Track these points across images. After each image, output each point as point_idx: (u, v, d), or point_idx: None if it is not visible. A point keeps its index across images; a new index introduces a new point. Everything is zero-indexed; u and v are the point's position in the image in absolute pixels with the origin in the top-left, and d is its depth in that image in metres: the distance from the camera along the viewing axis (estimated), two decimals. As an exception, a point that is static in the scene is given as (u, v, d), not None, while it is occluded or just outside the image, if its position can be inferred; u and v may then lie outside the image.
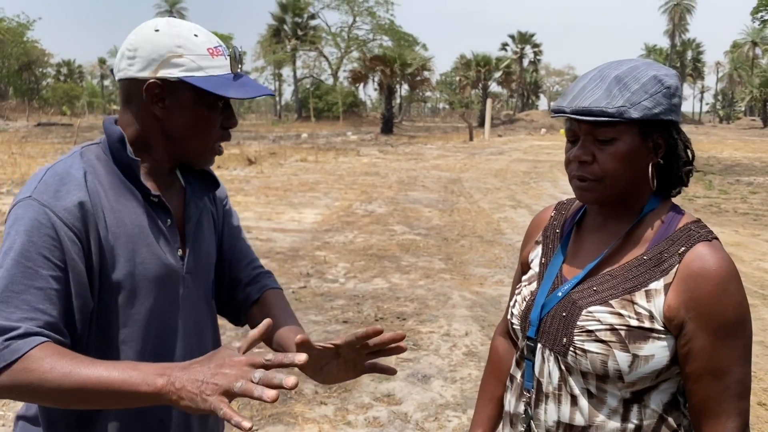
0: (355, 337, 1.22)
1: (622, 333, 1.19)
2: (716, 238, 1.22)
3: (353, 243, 8.45)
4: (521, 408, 1.34)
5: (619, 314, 1.20)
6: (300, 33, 65.73)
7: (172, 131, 1.28)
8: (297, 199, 12.29)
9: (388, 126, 43.70)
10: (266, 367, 1.03)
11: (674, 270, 1.19)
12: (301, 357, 1.04)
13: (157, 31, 1.23)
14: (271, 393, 0.98)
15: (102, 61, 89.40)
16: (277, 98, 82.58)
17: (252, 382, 1.00)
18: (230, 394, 1.01)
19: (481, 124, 43.30)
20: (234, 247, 1.55)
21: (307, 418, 3.69)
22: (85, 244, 1.18)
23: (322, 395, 3.99)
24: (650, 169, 1.23)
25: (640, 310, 1.19)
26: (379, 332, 1.21)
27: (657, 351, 1.18)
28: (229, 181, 14.83)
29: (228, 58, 1.27)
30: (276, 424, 3.60)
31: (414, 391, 4.07)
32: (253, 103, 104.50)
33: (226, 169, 17.47)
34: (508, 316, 1.43)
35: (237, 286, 1.54)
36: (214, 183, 1.46)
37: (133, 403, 1.08)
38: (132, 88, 1.25)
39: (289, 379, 0.99)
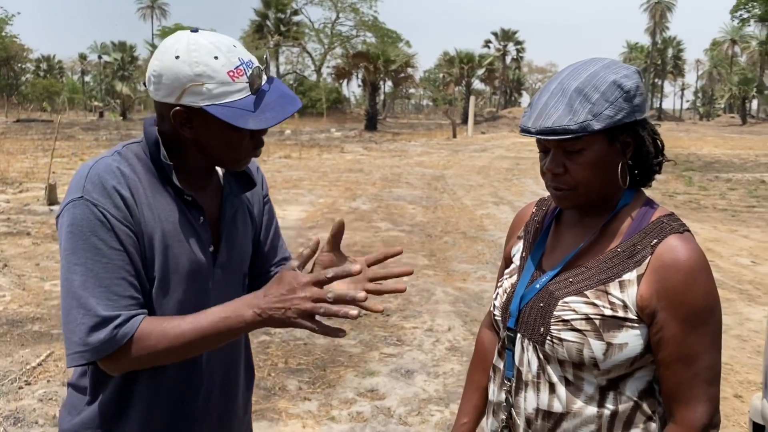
0: (374, 258, 1.37)
1: (597, 322, 1.23)
2: (688, 231, 1.27)
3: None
4: (503, 396, 1.38)
5: (594, 304, 1.24)
6: (283, 29, 65.40)
7: (204, 147, 1.32)
8: (281, 196, 12.27)
9: (372, 123, 43.69)
10: (330, 280, 1.16)
11: (646, 261, 1.23)
12: (356, 267, 1.17)
13: (177, 57, 1.24)
14: (354, 312, 1.14)
15: (83, 57, 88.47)
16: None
17: (328, 301, 1.14)
18: (313, 315, 1.16)
19: (465, 121, 43.41)
20: (271, 244, 1.62)
21: (290, 413, 3.71)
22: (135, 237, 1.26)
23: (305, 391, 4.01)
24: (622, 168, 1.27)
25: (614, 300, 1.23)
26: (399, 253, 1.37)
27: (630, 339, 1.22)
28: (211, 178, 14.74)
29: (248, 78, 1.26)
30: (259, 420, 3.61)
31: (397, 386, 4.10)
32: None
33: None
34: (491, 309, 1.47)
35: (264, 277, 1.62)
36: (251, 182, 1.49)
37: (233, 336, 1.23)
38: (162, 108, 1.30)
39: (360, 294, 1.15)
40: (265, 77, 1.30)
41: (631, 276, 1.24)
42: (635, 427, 1.27)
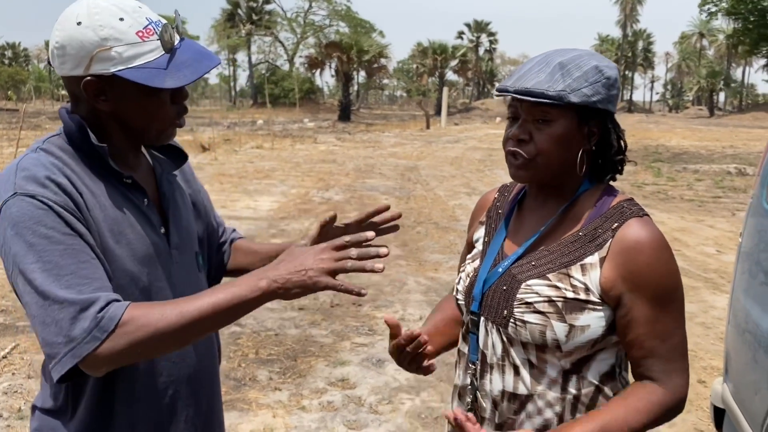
0: (365, 215, 1.40)
1: (559, 304, 1.25)
2: (647, 215, 1.29)
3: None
4: (468, 380, 1.40)
5: (556, 287, 1.26)
6: (255, 17, 64.79)
7: (124, 120, 1.25)
8: (252, 186, 12.18)
9: (345, 113, 43.57)
10: (347, 246, 1.14)
11: (608, 244, 1.25)
12: (371, 234, 1.18)
13: (79, 24, 1.16)
14: (380, 265, 1.12)
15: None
16: (232, 84, 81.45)
17: (353, 258, 1.12)
18: (336, 273, 1.13)
19: (438, 112, 43.51)
20: (212, 217, 1.59)
21: (261, 404, 3.70)
22: (85, 226, 1.16)
23: (276, 381, 4.00)
24: (580, 155, 1.29)
25: (575, 282, 1.25)
26: (387, 208, 1.41)
27: (592, 321, 1.25)
28: (182, 168, 14.57)
29: (159, 36, 1.20)
30: (229, 410, 3.60)
31: (368, 375, 4.11)
32: (207, 89, 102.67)
33: (180, 156, 17.16)
34: (454, 293, 1.48)
35: (217, 251, 1.61)
36: (182, 155, 1.45)
37: (246, 311, 1.14)
38: (72, 85, 1.22)
39: (382, 249, 1.14)
40: (177, 36, 1.24)
41: (593, 259, 1.26)
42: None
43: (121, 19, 1.17)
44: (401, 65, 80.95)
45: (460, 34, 70.54)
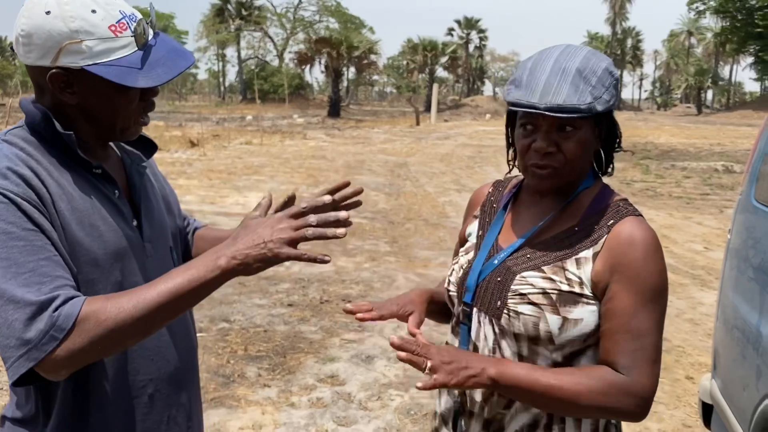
0: (328, 191, 1.33)
1: (554, 297, 1.25)
2: (641, 215, 1.31)
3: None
4: None
5: (551, 279, 1.26)
6: (244, 13, 64.49)
7: (90, 114, 1.20)
8: (241, 182, 12.12)
9: (335, 109, 43.49)
10: (305, 213, 1.10)
11: (603, 240, 1.27)
12: (327, 197, 1.14)
13: (48, 13, 1.10)
14: (341, 230, 1.08)
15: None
16: (221, 79, 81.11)
17: (312, 225, 1.08)
18: (297, 243, 1.08)
19: (428, 108, 43.51)
20: (180, 212, 1.55)
21: (250, 400, 3.68)
22: (50, 220, 1.11)
23: (265, 378, 3.98)
24: (595, 153, 1.33)
25: (570, 276, 1.26)
26: (347, 184, 1.34)
27: (586, 315, 1.25)
28: (170, 164, 14.51)
29: (132, 31, 1.16)
30: (218, 407, 3.58)
31: (358, 371, 4.10)
32: (196, 85, 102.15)
33: (167, 152, 17.08)
34: (445, 284, 1.47)
35: (183, 243, 1.58)
36: (151, 146, 1.41)
37: (207, 293, 1.10)
38: (36, 74, 1.17)
39: (341, 213, 1.10)
40: (151, 32, 1.19)
41: (587, 254, 1.26)
42: None
43: (93, 11, 1.12)
44: (391, 61, 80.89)
45: (450, 31, 70.51)
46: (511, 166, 1.45)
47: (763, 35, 51.05)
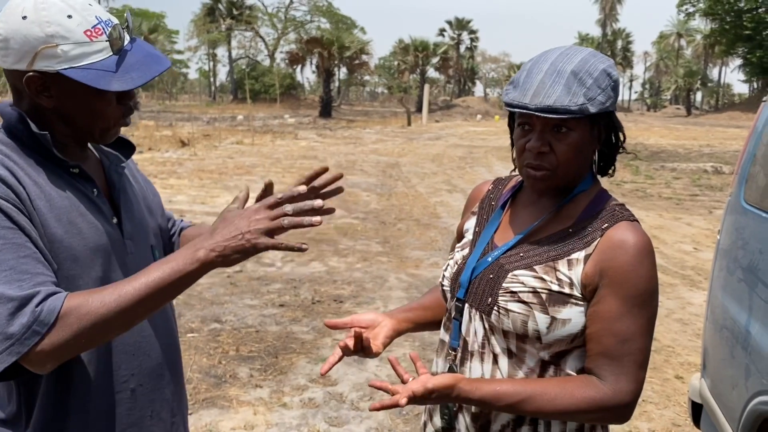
0: (305, 178, 1.32)
1: (543, 296, 1.26)
2: (637, 221, 1.32)
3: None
4: (447, 366, 1.40)
5: (542, 279, 1.28)
6: (235, 12, 64.31)
7: (67, 117, 1.21)
8: (232, 182, 12.10)
9: (326, 109, 43.45)
10: (281, 203, 1.12)
11: (595, 243, 1.27)
12: (302, 188, 1.16)
13: (24, 18, 1.12)
14: (317, 218, 1.11)
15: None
16: (212, 79, 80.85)
17: (288, 214, 1.11)
18: (274, 233, 1.11)
19: (419, 109, 43.55)
20: (163, 211, 1.56)
21: (242, 401, 3.68)
22: (29, 218, 1.12)
23: (257, 378, 3.98)
24: (596, 156, 1.34)
25: (561, 276, 1.27)
26: (326, 170, 1.33)
27: (574, 316, 1.26)
28: (161, 164, 14.46)
29: (108, 37, 1.17)
30: (210, 407, 3.57)
31: (349, 371, 4.10)
32: (186, 84, 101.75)
33: (158, 151, 17.02)
34: (440, 279, 1.49)
35: (169, 243, 1.59)
36: (129, 147, 1.42)
37: (187, 285, 1.11)
38: (13, 78, 1.18)
39: (317, 201, 1.13)
40: (127, 37, 1.21)
41: (579, 255, 1.27)
42: None
43: (69, 17, 1.14)
44: (383, 62, 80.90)
45: (442, 32, 70.62)
46: (515, 165, 1.46)
47: (752, 37, 51.44)
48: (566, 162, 1.28)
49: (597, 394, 1.22)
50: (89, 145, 1.35)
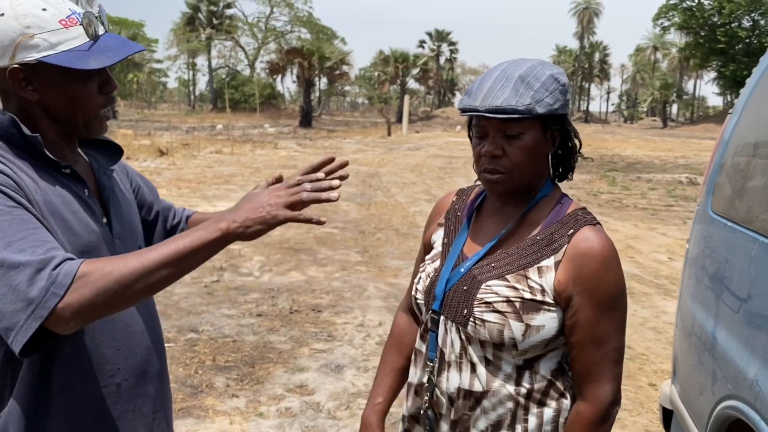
0: (311, 167, 1.39)
1: (517, 304, 1.30)
2: (599, 223, 1.37)
3: (269, 236, 8.37)
4: (425, 378, 1.43)
5: (514, 288, 1.31)
6: (215, 22, 64.13)
7: (52, 111, 1.25)
8: (211, 191, 12.04)
9: (306, 119, 43.44)
10: (300, 182, 1.21)
11: (563, 249, 1.32)
12: (320, 174, 1.25)
13: (2, 15, 1.18)
14: (334, 194, 1.20)
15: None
16: (191, 88, 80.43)
17: (307, 190, 1.19)
18: (296, 206, 1.19)
19: (399, 119, 43.70)
20: (159, 202, 1.62)
21: (218, 410, 3.66)
22: (26, 200, 1.15)
23: (233, 388, 3.96)
24: (549, 158, 1.37)
25: (532, 284, 1.31)
26: (332, 159, 1.39)
27: (547, 322, 1.30)
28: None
29: (84, 25, 1.23)
30: (186, 417, 3.55)
31: (327, 381, 4.10)
32: (165, 93, 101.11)
33: (136, 160, 16.89)
34: (413, 292, 1.51)
35: (173, 233, 1.64)
36: (117, 150, 1.46)
37: (208, 254, 1.17)
38: (1, 82, 1.23)
39: (335, 181, 1.21)
40: (102, 28, 1.27)
41: (549, 262, 1.32)
42: (549, 405, 1.35)
43: (44, 9, 1.20)
44: (363, 72, 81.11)
45: (422, 43, 71.04)
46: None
47: (725, 51, 52.43)
48: (520, 165, 1.33)
49: (589, 418, 1.31)
50: (78, 149, 1.39)
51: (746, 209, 2.26)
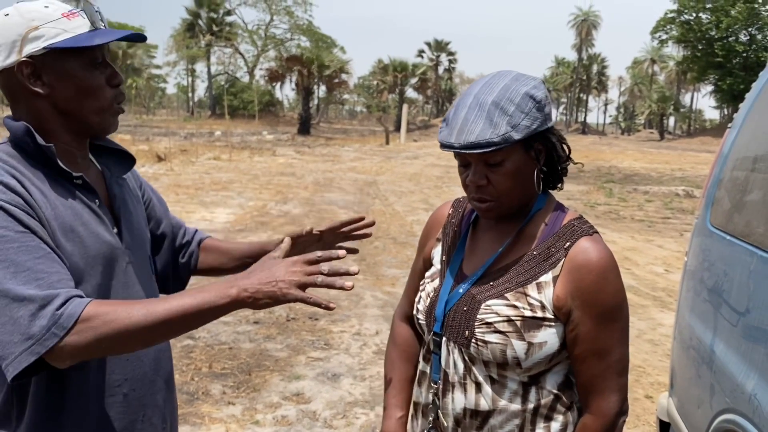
0: (339, 224, 1.43)
1: (518, 323, 1.29)
2: (596, 233, 1.35)
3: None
4: (430, 398, 1.42)
5: (514, 306, 1.30)
6: (215, 29, 64.28)
7: (63, 104, 1.26)
8: (209, 198, 12.04)
9: (305, 127, 43.50)
10: (318, 261, 1.17)
11: (561, 263, 1.30)
12: (342, 252, 1.22)
13: (7, 15, 1.23)
14: (350, 283, 1.15)
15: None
16: (190, 94, 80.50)
17: (323, 273, 1.15)
18: (306, 287, 1.15)
19: (398, 128, 43.76)
20: (169, 219, 1.62)
21: (214, 418, 3.65)
22: (39, 222, 1.17)
23: (230, 395, 3.95)
24: (536, 175, 1.33)
25: (532, 301, 1.30)
26: (361, 219, 1.45)
27: (549, 338, 1.29)
28: (137, 178, 14.30)
29: (86, 16, 1.27)
30: (182, 424, 3.53)
31: (323, 389, 4.09)
32: (164, 99, 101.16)
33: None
34: (414, 312, 1.49)
35: (180, 253, 1.64)
36: (130, 159, 1.47)
37: (213, 317, 1.15)
38: (7, 78, 1.25)
39: (353, 268, 1.17)
40: (101, 23, 1.30)
41: (547, 278, 1.30)
42: (556, 419, 1.34)
43: (46, 7, 1.25)
44: (362, 81, 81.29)
45: (421, 53, 71.24)
46: None
47: (723, 65, 52.72)
48: (506, 191, 1.30)
49: (596, 430, 1.31)
50: (91, 156, 1.40)
51: (745, 223, 2.27)
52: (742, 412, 1.91)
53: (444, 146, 1.30)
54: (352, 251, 1.56)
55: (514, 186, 1.31)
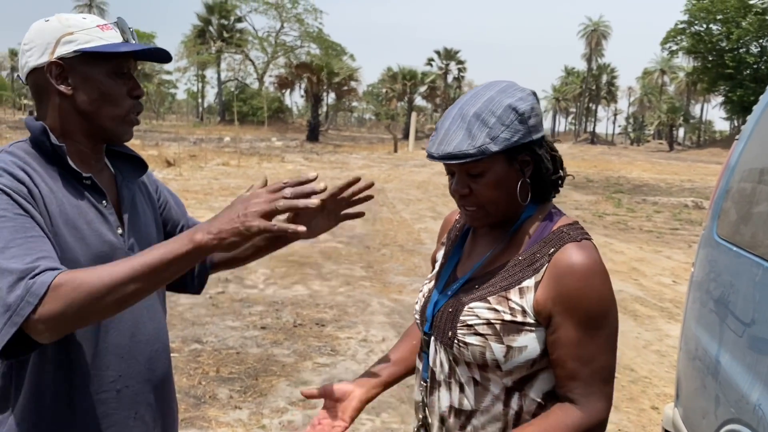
0: (338, 189, 1.39)
1: (497, 326, 1.30)
2: (587, 239, 1.33)
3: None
4: (420, 396, 1.46)
5: (495, 309, 1.31)
6: (226, 35, 64.70)
7: (83, 106, 1.32)
8: (217, 203, 12.10)
9: (313, 134, 43.66)
10: (282, 188, 1.14)
11: (544, 269, 1.30)
12: (312, 174, 1.18)
13: (47, 21, 1.32)
14: (315, 200, 1.12)
15: (13, 53, 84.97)
16: (200, 100, 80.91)
17: (286, 197, 1.12)
18: (271, 215, 1.11)
19: (406, 136, 43.86)
20: (187, 220, 1.65)
21: (220, 422, 3.67)
22: (36, 209, 1.21)
23: (236, 399, 3.97)
24: (518, 187, 1.33)
25: (513, 305, 1.30)
26: (358, 180, 1.41)
27: (529, 342, 1.30)
28: (147, 183, 14.40)
29: (119, 31, 1.35)
30: (188, 428, 3.56)
31: (330, 395, 4.10)
32: (174, 104, 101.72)
33: (145, 171, 16.96)
34: (414, 312, 1.54)
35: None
36: (142, 165, 1.51)
37: (181, 267, 1.14)
38: (37, 78, 1.31)
39: (319, 185, 1.14)
40: (133, 39, 1.37)
41: (529, 283, 1.31)
42: None
43: (84, 18, 1.34)
44: (371, 89, 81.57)
45: (430, 61, 71.43)
46: None
47: (733, 76, 52.60)
48: (489, 201, 1.32)
49: (574, 420, 1.27)
50: (106, 160, 1.44)
51: (751, 234, 2.28)
52: (746, 423, 1.92)
53: (428, 156, 1.34)
54: (357, 215, 1.58)
55: (498, 196, 1.32)
